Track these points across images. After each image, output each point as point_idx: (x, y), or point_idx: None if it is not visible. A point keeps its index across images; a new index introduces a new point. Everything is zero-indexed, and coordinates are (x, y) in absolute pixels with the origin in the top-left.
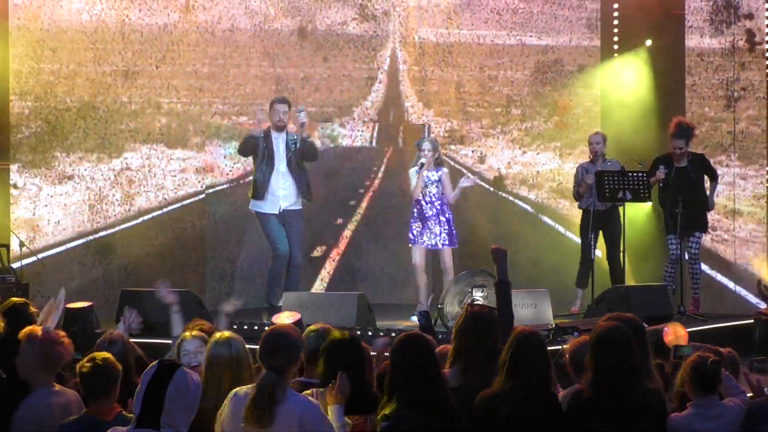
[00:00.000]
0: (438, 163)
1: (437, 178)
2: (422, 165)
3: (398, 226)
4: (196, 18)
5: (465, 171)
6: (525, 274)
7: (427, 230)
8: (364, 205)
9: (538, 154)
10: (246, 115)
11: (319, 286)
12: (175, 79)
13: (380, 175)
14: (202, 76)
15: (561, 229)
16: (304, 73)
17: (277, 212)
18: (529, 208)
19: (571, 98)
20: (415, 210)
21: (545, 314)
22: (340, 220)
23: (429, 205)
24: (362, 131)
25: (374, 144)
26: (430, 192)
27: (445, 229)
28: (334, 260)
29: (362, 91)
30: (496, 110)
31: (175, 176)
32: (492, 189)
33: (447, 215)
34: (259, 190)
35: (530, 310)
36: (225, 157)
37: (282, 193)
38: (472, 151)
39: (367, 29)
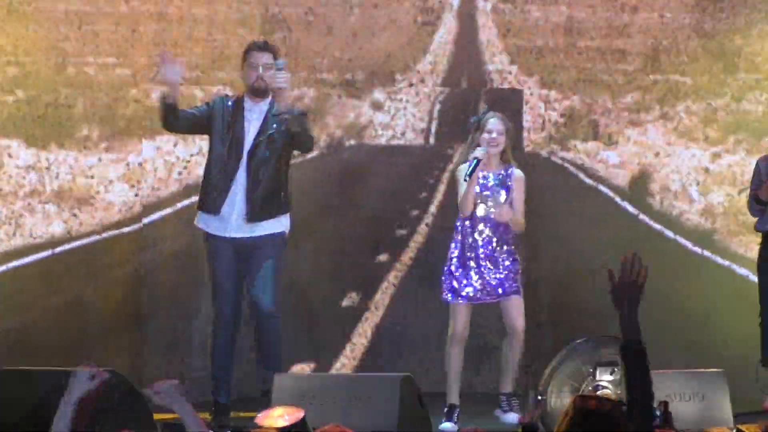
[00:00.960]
0: (505, 160)
1: (500, 186)
2: (476, 161)
3: None
4: None
5: (577, 172)
6: (683, 342)
7: (477, 272)
8: (419, 233)
9: (705, 138)
10: (212, 83)
11: (342, 362)
12: (92, 15)
13: (443, 183)
14: (135, 13)
15: (744, 270)
16: (312, 13)
17: (224, 235)
18: (672, 234)
19: (763, 45)
20: (459, 238)
21: (720, 411)
22: (383, 257)
23: (486, 228)
24: (413, 110)
25: (433, 132)
26: (488, 208)
27: (507, 266)
28: (367, 319)
29: (413, 45)
30: (630, 68)
31: (91, 179)
32: (620, 201)
33: (510, 247)
34: (210, 194)
35: (695, 404)
36: (175, 158)
37: (229, 210)
38: (594, 134)
39: None
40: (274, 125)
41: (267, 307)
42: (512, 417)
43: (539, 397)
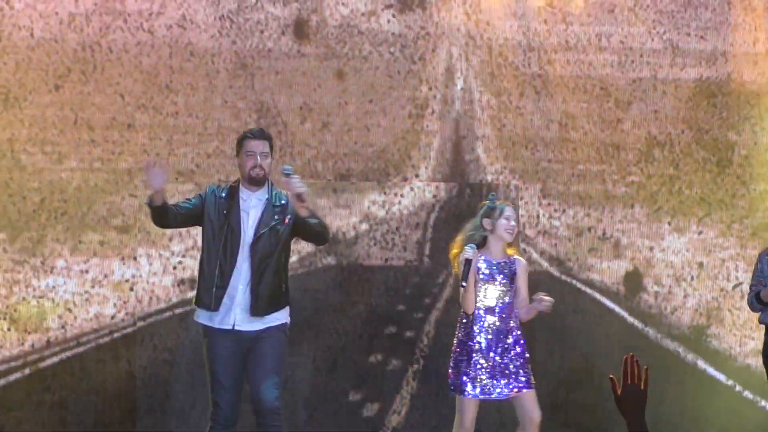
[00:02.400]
0: (509, 249)
1: (506, 277)
2: (467, 262)
3: None
4: (124, 7)
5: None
6: None
7: (487, 368)
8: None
9: (699, 234)
10: (205, 176)
11: None
12: (87, 108)
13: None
14: (131, 105)
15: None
16: (305, 100)
17: (225, 327)
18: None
19: (756, 140)
20: (465, 332)
21: None
22: (380, 353)
23: (493, 318)
24: (408, 204)
25: (430, 224)
26: (497, 297)
27: (517, 357)
28: (365, 414)
29: (408, 139)
30: (628, 158)
31: (86, 274)
32: (622, 292)
33: (518, 334)
34: (208, 289)
35: None
36: (169, 253)
37: (231, 305)
38: (589, 228)
39: (410, 23)
40: (276, 217)
41: (270, 403)
42: None
43: None
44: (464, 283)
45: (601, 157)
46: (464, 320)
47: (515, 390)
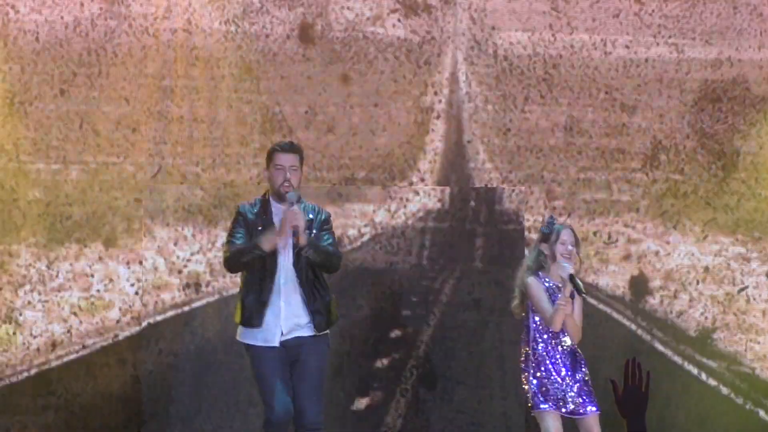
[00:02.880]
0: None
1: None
2: (571, 278)
3: (467, 361)
4: (129, 11)
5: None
6: None
7: (561, 384)
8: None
9: (704, 238)
10: (210, 180)
11: None
12: (92, 112)
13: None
14: (136, 110)
15: (744, 368)
16: (310, 104)
17: (276, 343)
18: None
19: (761, 145)
20: (539, 348)
21: None
22: (383, 358)
23: (567, 341)
24: (413, 208)
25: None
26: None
27: (585, 381)
28: (362, 415)
29: (413, 144)
30: (634, 163)
31: (91, 277)
32: (627, 297)
33: (580, 355)
34: (249, 306)
35: None
36: (175, 257)
37: (287, 311)
38: (594, 233)
39: (416, 27)
40: (307, 231)
41: (313, 418)
42: None
43: None
44: (583, 293)
45: (607, 162)
46: (537, 335)
47: (588, 408)
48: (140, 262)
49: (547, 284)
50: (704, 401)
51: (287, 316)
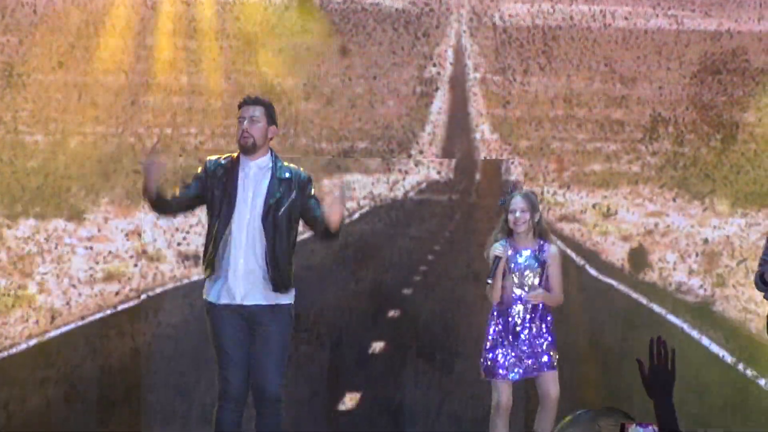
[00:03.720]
0: (540, 234)
1: (536, 264)
2: (496, 259)
3: (466, 333)
4: None
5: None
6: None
7: (516, 351)
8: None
9: (704, 210)
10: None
11: None
12: (90, 86)
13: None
14: (135, 83)
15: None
16: (309, 77)
17: (232, 302)
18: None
19: (760, 117)
20: (496, 320)
21: None
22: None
23: (522, 308)
24: (412, 181)
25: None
26: (524, 285)
27: (544, 343)
28: (367, 391)
29: (412, 116)
30: (634, 135)
31: (90, 250)
32: (626, 269)
33: (549, 326)
34: (208, 259)
35: None
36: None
37: (243, 273)
38: (594, 205)
39: (415, 0)
40: (280, 189)
41: (272, 390)
42: None
43: None
44: (489, 280)
45: (606, 134)
46: (495, 307)
47: (541, 366)
48: (139, 235)
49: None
50: (703, 373)
51: (245, 273)
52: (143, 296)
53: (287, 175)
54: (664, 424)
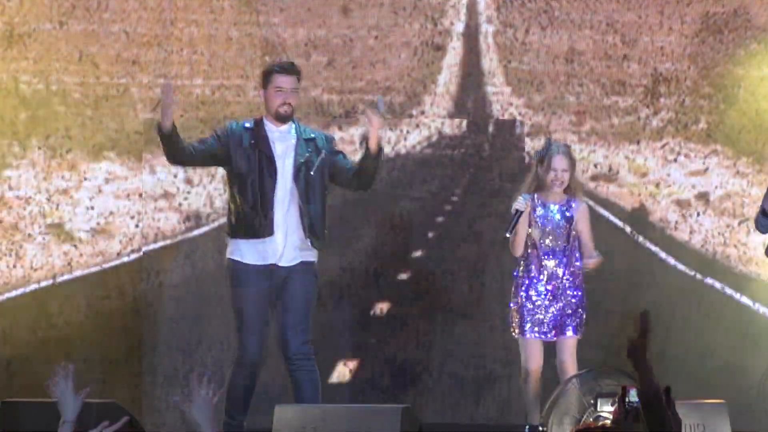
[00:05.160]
0: (569, 191)
1: (563, 220)
2: (517, 213)
3: (468, 294)
4: None
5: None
6: (684, 373)
7: (542, 311)
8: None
9: (705, 168)
10: (210, 112)
11: (343, 394)
12: (92, 45)
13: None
14: (136, 42)
15: (745, 299)
16: (310, 36)
17: (266, 263)
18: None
19: (762, 76)
20: (524, 276)
21: None
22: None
23: (552, 265)
24: (414, 141)
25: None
26: (552, 243)
27: (572, 308)
28: (368, 351)
29: (414, 76)
30: (634, 94)
31: (91, 210)
32: (628, 229)
33: (579, 280)
34: (241, 221)
35: None
36: (175, 189)
37: (281, 233)
38: (595, 165)
39: None
40: (309, 150)
41: (297, 349)
42: None
43: (541, 428)
44: (507, 234)
45: (607, 94)
46: (523, 261)
47: (566, 330)
48: (140, 195)
49: (543, 206)
50: (704, 335)
51: (281, 234)
52: (145, 257)
53: (312, 135)
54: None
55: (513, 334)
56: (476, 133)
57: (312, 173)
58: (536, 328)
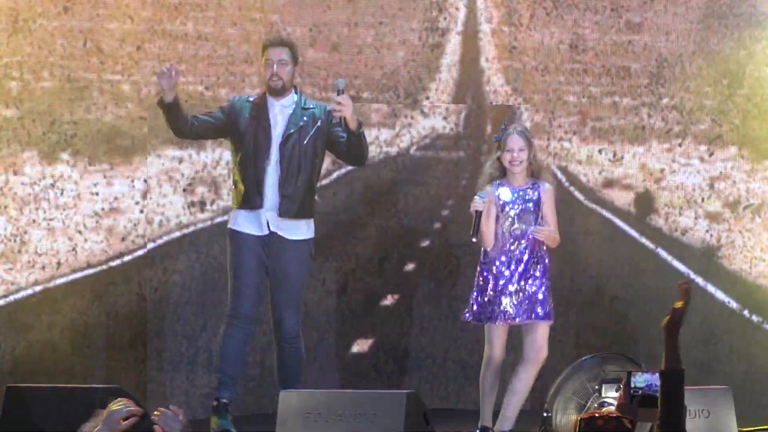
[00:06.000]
0: (533, 173)
1: (528, 203)
2: (477, 215)
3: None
4: None
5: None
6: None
7: (509, 292)
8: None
9: (710, 155)
10: (214, 98)
11: (347, 379)
12: (96, 31)
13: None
14: (140, 29)
15: (749, 285)
16: (315, 22)
17: (261, 233)
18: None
19: (767, 61)
20: (488, 258)
21: (725, 428)
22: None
23: (516, 247)
24: (419, 127)
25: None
26: (512, 227)
27: (540, 286)
28: (372, 336)
29: (419, 62)
30: (639, 79)
31: (96, 196)
32: (633, 214)
33: (545, 263)
34: (248, 189)
35: (701, 421)
36: (180, 176)
37: (274, 201)
38: (600, 151)
39: None
40: (304, 118)
41: (290, 328)
42: None
43: (545, 414)
44: (474, 239)
45: (612, 79)
46: (485, 252)
47: (534, 319)
48: (145, 181)
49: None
50: (710, 319)
51: (271, 204)
52: (149, 243)
53: (311, 105)
54: (672, 362)
55: (473, 322)
56: (482, 118)
57: (305, 142)
58: (501, 315)
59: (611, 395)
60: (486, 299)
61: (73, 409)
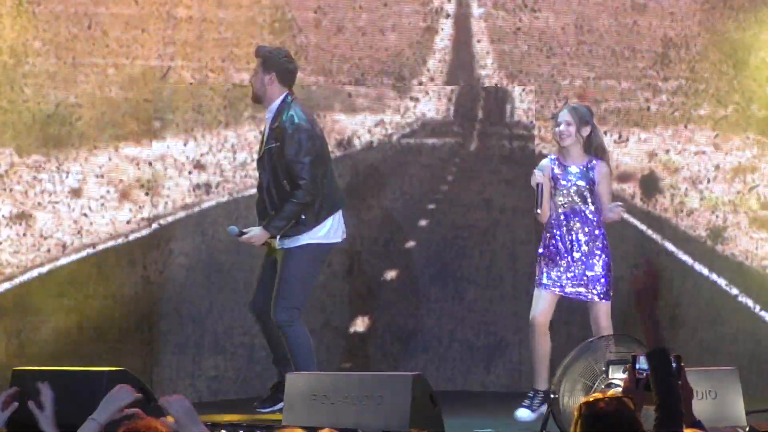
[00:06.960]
0: (591, 151)
1: (583, 181)
2: (539, 187)
3: (479, 261)
4: None
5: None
6: (696, 340)
7: (567, 266)
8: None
9: (715, 134)
10: (219, 82)
11: (353, 361)
12: (101, 13)
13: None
14: (145, 11)
15: (756, 265)
16: (319, 4)
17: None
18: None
19: None
20: (551, 230)
21: (732, 409)
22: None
23: (575, 223)
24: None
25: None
26: (573, 203)
27: (600, 270)
28: (379, 318)
29: (423, 44)
30: (644, 60)
31: (101, 178)
32: (638, 197)
33: (604, 242)
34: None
35: (707, 402)
36: (185, 158)
37: (262, 216)
38: (605, 132)
39: None
40: (273, 137)
41: (273, 317)
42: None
43: (552, 396)
44: (538, 210)
45: (617, 60)
46: (552, 219)
47: (593, 295)
48: (150, 164)
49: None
50: (715, 301)
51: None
52: (155, 225)
53: (276, 124)
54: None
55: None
56: (486, 99)
57: (274, 159)
58: (549, 282)
59: (618, 376)
60: (543, 264)
61: (79, 392)
